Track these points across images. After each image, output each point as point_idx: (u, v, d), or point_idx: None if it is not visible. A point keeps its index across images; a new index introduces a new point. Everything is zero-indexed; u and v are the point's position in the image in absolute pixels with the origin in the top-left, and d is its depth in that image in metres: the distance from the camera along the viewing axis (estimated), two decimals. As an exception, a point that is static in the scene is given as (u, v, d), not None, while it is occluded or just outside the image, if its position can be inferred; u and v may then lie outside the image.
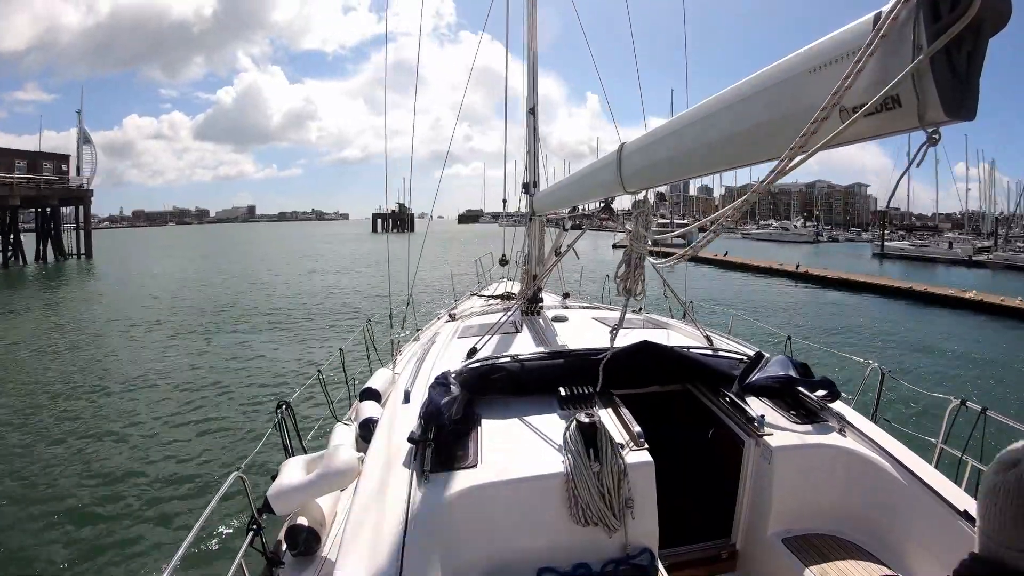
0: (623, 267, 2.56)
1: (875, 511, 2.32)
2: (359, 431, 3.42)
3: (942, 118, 0.90)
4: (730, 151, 1.50)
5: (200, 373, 10.94)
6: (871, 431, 2.56)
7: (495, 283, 7.77)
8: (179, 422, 8.38)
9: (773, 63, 1.25)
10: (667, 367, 2.95)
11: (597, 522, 2.05)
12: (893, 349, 13.18)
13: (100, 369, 11.41)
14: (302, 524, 2.54)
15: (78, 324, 16.41)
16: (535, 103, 5.88)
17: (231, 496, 2.52)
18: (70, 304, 20.79)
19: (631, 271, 2.53)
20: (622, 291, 2.58)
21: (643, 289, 2.60)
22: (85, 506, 5.95)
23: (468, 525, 2.00)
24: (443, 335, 4.26)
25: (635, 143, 2.20)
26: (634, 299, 2.63)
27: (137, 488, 6.33)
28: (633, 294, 2.57)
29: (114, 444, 7.57)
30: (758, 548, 2.45)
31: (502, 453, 2.23)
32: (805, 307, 19.59)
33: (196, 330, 15.16)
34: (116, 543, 5.30)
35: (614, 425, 2.41)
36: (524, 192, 6.00)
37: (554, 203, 4.52)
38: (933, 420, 3.43)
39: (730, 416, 2.72)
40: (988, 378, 10.98)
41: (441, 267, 19.57)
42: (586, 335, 3.93)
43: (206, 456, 7.17)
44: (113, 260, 42.22)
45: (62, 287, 27.00)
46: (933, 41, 0.86)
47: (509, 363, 2.81)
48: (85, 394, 9.73)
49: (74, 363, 11.90)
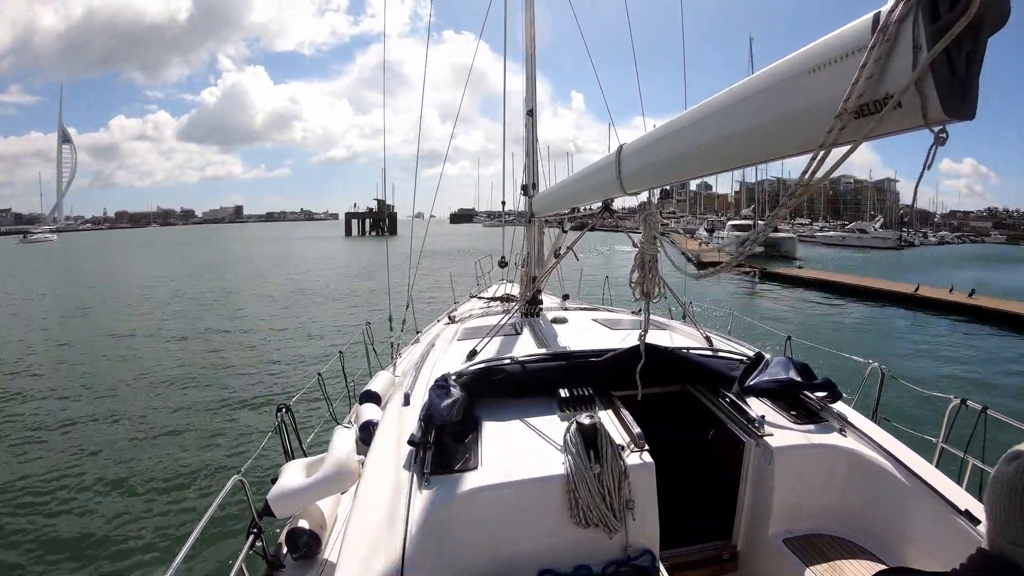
0: (637, 271, 2.53)
1: (876, 511, 2.32)
2: (359, 434, 3.41)
3: (942, 118, 0.90)
4: (729, 152, 1.50)
5: (199, 374, 10.93)
6: (872, 431, 2.56)
7: (494, 285, 7.78)
8: (179, 426, 8.37)
9: (772, 64, 1.25)
10: (667, 368, 2.95)
11: (598, 524, 2.04)
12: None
13: (96, 372, 11.40)
14: (303, 527, 2.53)
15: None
16: (534, 105, 5.88)
17: (232, 499, 2.51)
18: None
19: (645, 274, 2.50)
20: (640, 295, 2.52)
21: (660, 291, 2.54)
22: (84, 509, 5.94)
23: (469, 527, 2.00)
24: (443, 337, 4.25)
25: (634, 144, 2.20)
26: (652, 301, 2.55)
27: (137, 492, 6.31)
28: (651, 296, 2.51)
29: (114, 448, 7.55)
30: (759, 549, 2.44)
31: (502, 455, 2.23)
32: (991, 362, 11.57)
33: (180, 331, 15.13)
34: (116, 546, 5.29)
35: (614, 427, 2.41)
36: (523, 194, 6.00)
37: (553, 205, 4.52)
38: (934, 420, 3.43)
39: (730, 417, 2.72)
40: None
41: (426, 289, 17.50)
42: (586, 337, 3.93)
43: (206, 460, 7.15)
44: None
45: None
46: (933, 41, 0.86)
47: (509, 365, 2.81)
48: (84, 396, 9.72)
49: (64, 367, 11.88)
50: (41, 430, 8.24)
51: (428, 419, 2.32)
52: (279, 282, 27.08)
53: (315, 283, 26.40)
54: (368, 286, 22.26)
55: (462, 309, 6.36)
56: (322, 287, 24.65)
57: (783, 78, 1.21)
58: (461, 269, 13.92)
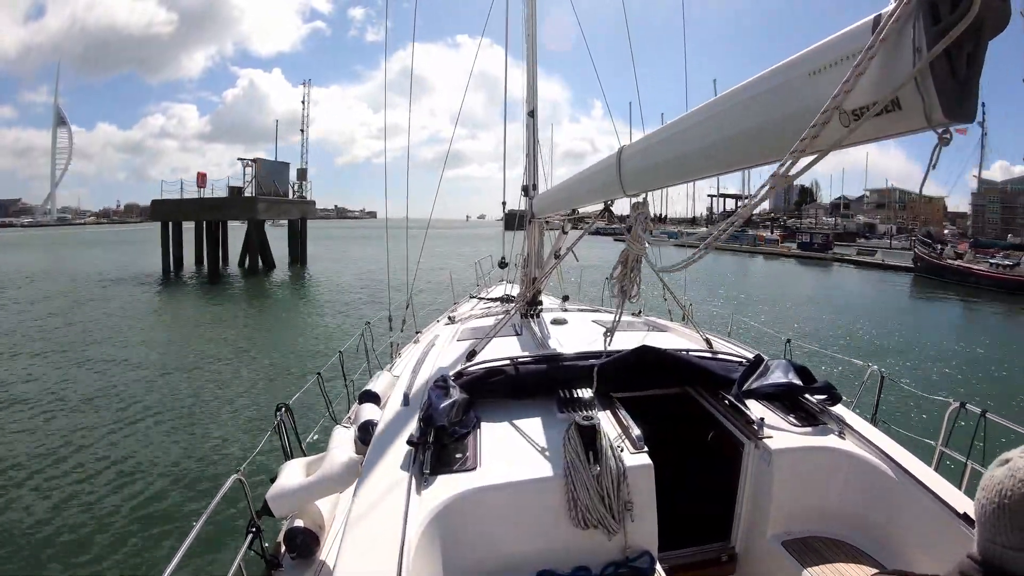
0: (619, 268, 2.55)
1: (875, 514, 2.32)
2: (358, 433, 3.41)
3: (942, 120, 0.90)
4: (730, 154, 1.50)
5: (199, 374, 10.93)
6: (871, 434, 2.55)
7: (494, 285, 7.77)
8: (178, 424, 8.37)
9: (772, 66, 1.26)
10: (666, 370, 2.95)
11: (596, 525, 2.04)
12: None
13: (94, 371, 11.39)
14: (301, 526, 2.53)
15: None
16: (535, 106, 5.89)
17: (230, 498, 2.51)
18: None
19: (627, 272, 2.52)
20: (617, 292, 2.55)
21: (639, 291, 2.57)
22: (83, 508, 5.93)
23: (467, 528, 2.00)
24: (442, 337, 4.25)
25: (634, 146, 2.20)
26: (629, 300, 2.59)
27: (136, 490, 6.32)
28: (628, 295, 2.54)
29: (113, 447, 7.55)
30: (757, 551, 2.44)
31: (501, 456, 2.23)
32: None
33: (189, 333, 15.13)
34: (115, 545, 5.29)
35: (613, 428, 2.41)
36: (524, 195, 6.00)
37: (553, 206, 4.52)
38: (933, 423, 3.43)
39: (729, 419, 2.72)
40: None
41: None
42: (585, 338, 3.93)
43: (205, 458, 7.16)
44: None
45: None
46: (933, 43, 0.86)
47: (508, 366, 2.81)
48: (81, 397, 9.71)
49: (60, 364, 11.87)
50: (37, 433, 8.24)
51: (427, 419, 2.32)
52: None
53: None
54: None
55: (462, 309, 6.36)
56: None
57: (784, 80, 1.21)
58: (461, 269, 13.92)
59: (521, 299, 5.10)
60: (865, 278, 31.95)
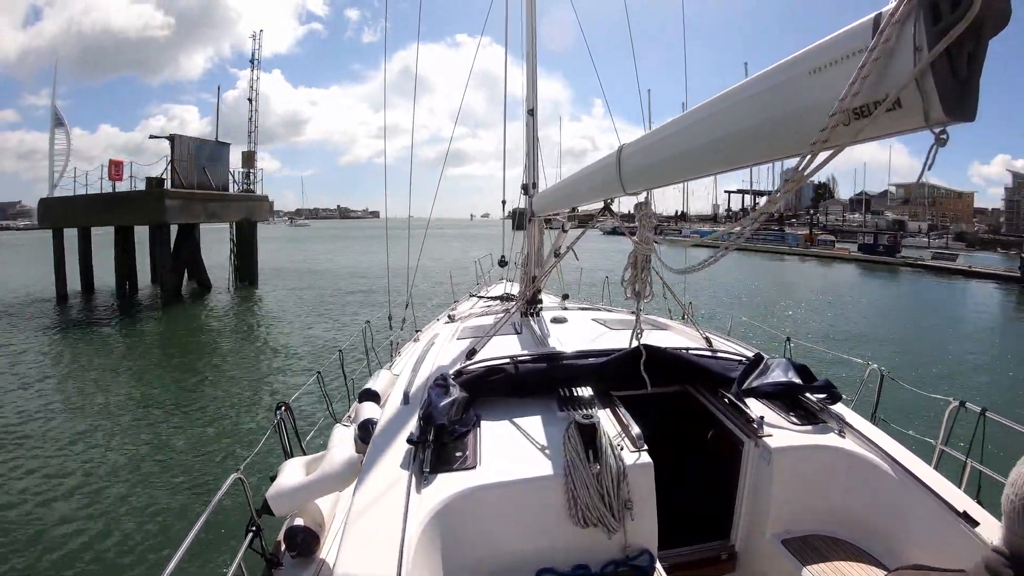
0: (629, 270, 2.56)
1: (874, 512, 2.32)
2: (358, 432, 3.41)
3: (942, 119, 0.90)
4: (730, 152, 1.50)
5: (198, 375, 10.93)
6: (871, 432, 2.56)
7: (494, 284, 7.77)
8: (178, 423, 8.37)
9: (773, 64, 1.25)
10: (666, 368, 2.95)
11: (596, 523, 2.04)
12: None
13: (93, 370, 11.39)
14: (301, 525, 2.53)
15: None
16: (534, 104, 5.88)
17: (230, 497, 2.51)
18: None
19: (638, 273, 2.52)
20: (631, 294, 2.58)
21: (651, 292, 2.62)
22: (83, 508, 5.94)
23: (467, 526, 2.00)
24: (442, 336, 4.25)
25: (634, 144, 2.20)
26: (644, 301, 2.63)
27: (136, 490, 6.32)
28: (642, 296, 2.57)
29: (112, 445, 7.56)
30: (757, 549, 2.45)
31: (501, 454, 2.23)
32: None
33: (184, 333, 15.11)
34: (115, 545, 5.29)
35: (613, 426, 2.41)
36: (523, 193, 5.99)
37: (553, 204, 4.51)
38: (933, 421, 3.43)
39: (729, 417, 2.72)
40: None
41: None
42: (585, 336, 3.93)
43: (205, 457, 7.17)
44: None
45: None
46: (934, 42, 0.86)
47: (508, 364, 2.81)
48: (80, 397, 9.72)
49: (59, 367, 11.88)
50: (37, 434, 8.25)
51: (427, 418, 2.32)
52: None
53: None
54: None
55: (462, 308, 6.35)
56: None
57: (784, 78, 1.21)
58: (461, 269, 13.92)
59: (521, 298, 5.10)
60: (949, 289, 26.33)
